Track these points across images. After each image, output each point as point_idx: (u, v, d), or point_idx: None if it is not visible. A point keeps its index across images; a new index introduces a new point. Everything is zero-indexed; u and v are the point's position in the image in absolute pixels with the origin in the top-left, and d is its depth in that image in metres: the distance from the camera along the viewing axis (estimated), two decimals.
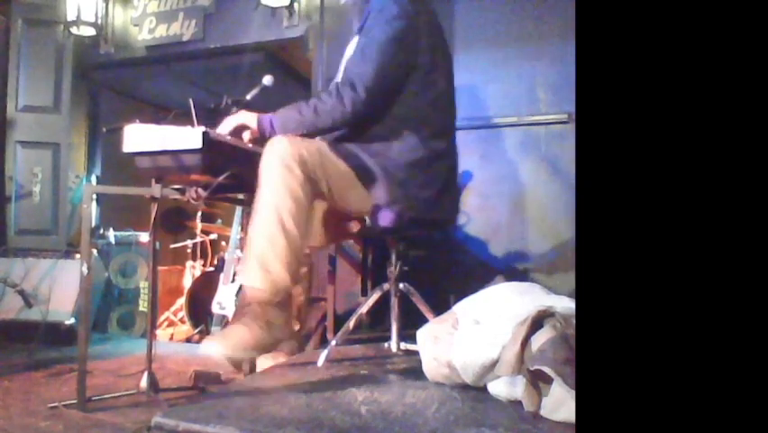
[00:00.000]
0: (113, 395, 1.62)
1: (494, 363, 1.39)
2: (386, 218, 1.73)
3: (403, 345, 2.06)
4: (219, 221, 4.54)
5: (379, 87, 1.67)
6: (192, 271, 4.28)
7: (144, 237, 3.38)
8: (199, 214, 4.29)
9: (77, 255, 2.85)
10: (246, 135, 1.77)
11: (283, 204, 1.50)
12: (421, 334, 1.65)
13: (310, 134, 1.70)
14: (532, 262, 2.68)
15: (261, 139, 1.73)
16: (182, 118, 1.75)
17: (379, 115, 1.70)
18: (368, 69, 1.65)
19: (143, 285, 3.38)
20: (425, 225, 1.82)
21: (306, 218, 1.56)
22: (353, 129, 1.72)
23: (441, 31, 1.88)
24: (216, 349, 1.43)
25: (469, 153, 2.80)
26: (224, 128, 1.76)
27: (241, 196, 2.13)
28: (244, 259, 1.59)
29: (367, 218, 1.75)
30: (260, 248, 1.50)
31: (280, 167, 1.52)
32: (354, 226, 1.95)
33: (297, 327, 1.98)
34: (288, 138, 1.57)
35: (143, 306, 3.36)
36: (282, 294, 1.53)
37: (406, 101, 1.72)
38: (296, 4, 2.99)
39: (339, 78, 1.84)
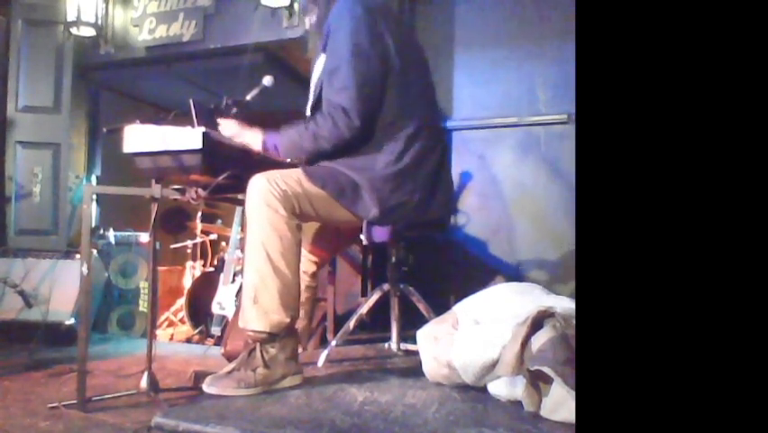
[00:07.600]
0: (113, 395, 1.62)
1: (494, 364, 1.39)
2: (380, 233, 1.73)
3: (403, 346, 2.06)
4: (219, 221, 4.53)
5: (369, 104, 1.66)
6: (192, 271, 4.28)
7: (144, 237, 3.37)
8: (199, 214, 4.29)
9: (77, 255, 2.84)
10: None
11: (271, 244, 1.55)
12: (421, 334, 1.65)
13: (310, 158, 1.73)
14: (532, 263, 2.67)
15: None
16: (182, 118, 1.75)
17: (372, 129, 1.69)
18: (352, 91, 1.63)
19: (143, 285, 3.38)
20: (419, 227, 1.83)
21: (296, 253, 1.61)
22: (343, 149, 1.70)
23: (404, 25, 1.85)
24: (218, 392, 1.48)
25: (469, 153, 2.81)
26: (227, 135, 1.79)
27: (241, 196, 2.12)
28: (242, 301, 1.62)
29: (362, 237, 1.75)
30: (255, 290, 1.55)
31: (265, 208, 1.56)
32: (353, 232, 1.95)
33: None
34: (266, 176, 1.60)
35: (143, 306, 3.35)
36: (283, 330, 1.57)
37: (386, 106, 1.69)
38: (296, 4, 2.98)
39: (312, 98, 1.81)
